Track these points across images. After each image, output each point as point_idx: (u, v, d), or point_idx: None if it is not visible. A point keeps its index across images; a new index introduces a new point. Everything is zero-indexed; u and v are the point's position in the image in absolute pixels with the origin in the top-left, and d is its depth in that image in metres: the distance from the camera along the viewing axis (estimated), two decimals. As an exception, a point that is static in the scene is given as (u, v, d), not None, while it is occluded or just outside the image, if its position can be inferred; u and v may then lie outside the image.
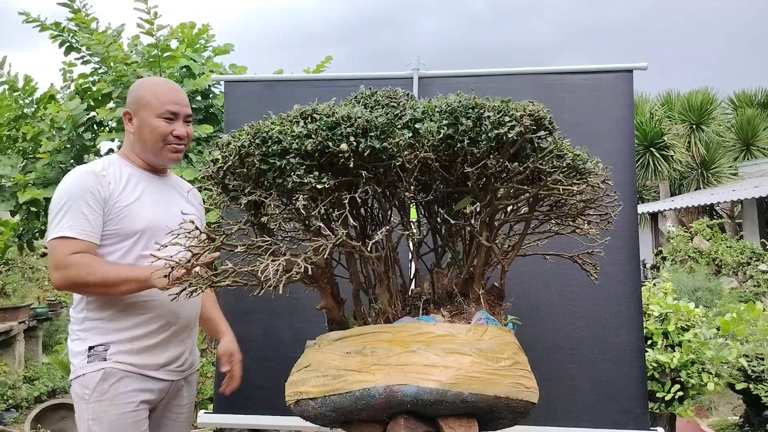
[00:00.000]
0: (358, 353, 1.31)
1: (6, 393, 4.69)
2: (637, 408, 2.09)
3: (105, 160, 1.80)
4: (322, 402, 1.31)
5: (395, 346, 1.30)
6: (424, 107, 1.36)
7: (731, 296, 5.97)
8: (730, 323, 3.25)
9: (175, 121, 1.78)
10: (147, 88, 1.82)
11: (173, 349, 1.77)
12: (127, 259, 1.69)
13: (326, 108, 1.28)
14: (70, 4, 3.57)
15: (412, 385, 1.25)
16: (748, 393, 3.21)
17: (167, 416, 1.82)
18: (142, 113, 1.77)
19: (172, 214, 1.74)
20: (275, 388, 1.49)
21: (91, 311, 1.68)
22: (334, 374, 1.31)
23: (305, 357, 1.41)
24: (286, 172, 1.23)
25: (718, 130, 14.08)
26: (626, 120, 2.21)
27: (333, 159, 1.25)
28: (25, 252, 3.94)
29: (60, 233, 1.61)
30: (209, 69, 3.74)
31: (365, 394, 1.26)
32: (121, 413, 1.63)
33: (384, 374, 1.26)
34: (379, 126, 1.27)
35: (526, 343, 2.15)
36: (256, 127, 1.29)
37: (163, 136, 1.77)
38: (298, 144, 1.23)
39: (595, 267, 1.65)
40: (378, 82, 2.32)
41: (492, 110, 1.29)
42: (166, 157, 1.80)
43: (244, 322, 2.28)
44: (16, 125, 3.71)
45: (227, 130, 2.42)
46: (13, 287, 5.90)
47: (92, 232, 1.64)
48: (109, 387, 1.63)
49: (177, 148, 1.81)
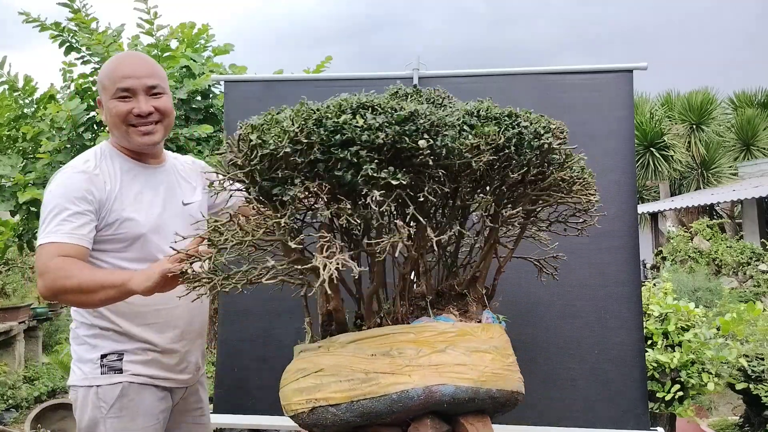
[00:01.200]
0: (385, 355, 1.29)
1: (6, 393, 4.69)
2: (637, 408, 2.09)
3: (96, 152, 1.62)
4: (348, 408, 1.26)
5: (423, 347, 1.30)
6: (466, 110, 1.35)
7: (731, 296, 5.97)
8: (730, 323, 3.25)
9: (132, 98, 1.56)
10: (103, 69, 1.60)
11: (189, 358, 1.70)
12: (130, 262, 1.57)
13: (387, 101, 1.23)
14: (70, 4, 3.57)
15: (450, 385, 1.27)
16: (748, 393, 3.21)
17: (186, 420, 1.75)
18: (103, 99, 1.59)
19: (173, 209, 1.66)
20: (275, 389, 1.48)
21: (98, 318, 1.58)
22: (362, 378, 1.26)
23: (308, 362, 1.35)
24: (356, 164, 1.16)
25: (718, 130, 14.08)
26: (626, 120, 2.21)
27: (402, 155, 1.20)
28: (25, 252, 3.94)
29: (46, 239, 1.46)
30: (209, 69, 3.74)
31: (403, 396, 1.25)
32: (141, 427, 1.56)
33: (420, 375, 1.26)
34: (448, 124, 1.24)
35: (526, 343, 2.15)
36: (305, 113, 1.20)
37: (122, 117, 1.55)
38: (368, 136, 1.15)
39: (555, 269, 1.72)
40: (378, 82, 2.31)
41: (527, 120, 1.35)
42: (136, 141, 1.58)
43: (244, 322, 2.28)
44: (16, 125, 3.71)
45: (227, 130, 2.42)
46: (13, 287, 5.90)
47: (81, 235, 1.48)
48: (128, 402, 1.55)
49: (144, 130, 1.57)
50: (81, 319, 1.61)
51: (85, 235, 1.49)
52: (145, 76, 1.57)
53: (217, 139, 3.68)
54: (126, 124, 1.56)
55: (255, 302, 2.26)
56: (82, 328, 1.61)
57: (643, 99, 14.61)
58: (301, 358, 1.39)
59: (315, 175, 1.20)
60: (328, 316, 1.45)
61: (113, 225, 1.55)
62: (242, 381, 2.25)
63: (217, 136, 3.68)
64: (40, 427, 4.19)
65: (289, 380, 1.38)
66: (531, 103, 2.23)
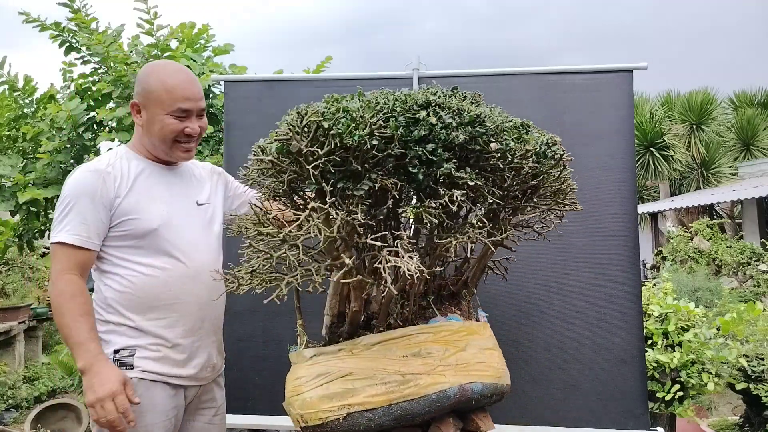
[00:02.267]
0: (416, 356, 1.29)
1: (6, 393, 4.69)
2: (637, 408, 2.09)
3: (112, 154, 1.69)
4: (385, 411, 1.24)
5: (447, 346, 1.32)
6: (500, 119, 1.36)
7: (731, 296, 5.97)
8: (730, 323, 3.25)
9: (186, 119, 1.65)
10: (158, 80, 1.65)
11: (201, 355, 1.69)
12: (143, 256, 1.61)
13: (449, 100, 1.22)
14: (70, 4, 3.57)
15: (478, 383, 1.31)
16: (748, 393, 3.21)
17: (199, 419, 1.75)
18: (152, 108, 1.64)
19: (187, 207, 1.70)
20: (275, 388, 1.48)
21: (112, 314, 1.61)
22: (399, 380, 1.26)
23: (330, 366, 1.31)
24: (428, 162, 1.15)
25: (718, 130, 14.08)
26: (626, 120, 2.21)
27: (470, 155, 1.20)
28: (25, 252, 3.94)
29: (60, 238, 1.55)
30: (209, 69, 3.74)
31: (441, 396, 1.26)
32: (150, 423, 1.57)
33: (452, 374, 1.29)
34: (507, 129, 1.26)
35: (526, 343, 2.16)
36: (376, 104, 1.18)
37: (174, 134, 1.64)
38: (447, 135, 1.14)
39: (506, 270, 1.74)
40: (378, 82, 2.31)
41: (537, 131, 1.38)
42: (177, 156, 1.69)
43: (244, 322, 2.28)
44: (16, 125, 3.71)
45: (227, 130, 2.42)
46: (13, 287, 5.90)
47: (90, 239, 1.56)
48: (139, 398, 1.55)
49: (188, 147, 1.69)
50: (95, 315, 1.62)
51: (93, 237, 1.57)
52: (200, 100, 1.68)
53: (217, 139, 3.68)
54: (174, 140, 1.66)
55: (255, 302, 2.26)
56: (96, 324, 1.62)
57: (643, 99, 14.61)
58: (317, 362, 1.34)
59: (387, 171, 1.18)
60: (338, 317, 1.42)
61: (125, 221, 1.60)
62: (242, 381, 2.26)
63: (217, 136, 3.68)
64: (40, 427, 4.19)
65: (307, 387, 1.32)
66: (531, 103, 2.24)
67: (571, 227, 2.04)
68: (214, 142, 3.70)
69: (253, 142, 1.40)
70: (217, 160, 3.48)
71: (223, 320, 1.80)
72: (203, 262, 1.67)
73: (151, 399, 1.58)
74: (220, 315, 1.78)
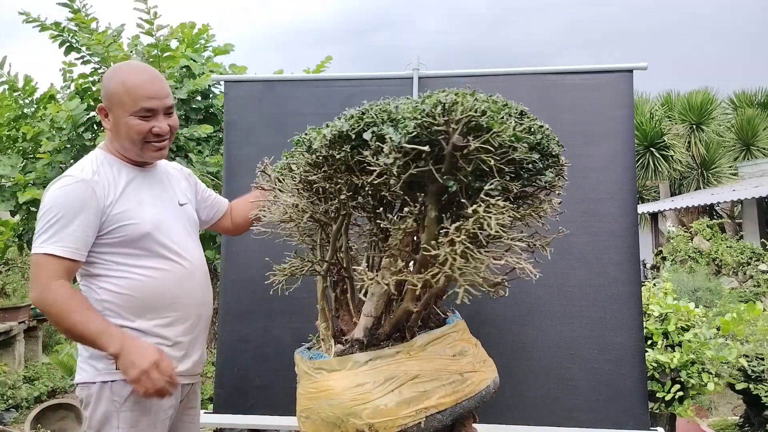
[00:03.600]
0: (460, 354, 1.32)
1: (6, 393, 4.69)
2: (637, 408, 2.09)
3: (91, 159, 1.66)
4: (451, 412, 1.25)
5: (470, 344, 1.38)
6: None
7: (731, 296, 5.97)
8: (730, 323, 3.25)
9: (152, 118, 1.62)
10: (119, 81, 1.62)
11: (196, 352, 1.74)
12: (140, 260, 1.62)
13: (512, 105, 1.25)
14: (70, 4, 3.57)
15: (496, 377, 1.38)
16: (748, 393, 3.21)
17: (183, 419, 1.80)
18: (115, 111, 1.62)
19: (172, 209, 1.72)
20: (274, 388, 1.48)
21: (111, 317, 1.60)
22: (459, 379, 1.27)
23: (393, 370, 1.26)
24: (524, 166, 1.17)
25: (718, 130, 14.08)
26: (626, 120, 2.21)
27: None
28: (25, 252, 3.94)
29: (46, 250, 1.51)
30: (209, 69, 3.74)
31: (487, 392, 1.32)
32: (152, 421, 1.61)
33: (487, 369, 1.35)
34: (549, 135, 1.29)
35: (526, 343, 2.16)
36: (468, 104, 1.12)
37: (141, 135, 1.62)
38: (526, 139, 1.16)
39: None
40: (378, 82, 2.31)
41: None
42: (149, 156, 1.67)
43: (243, 322, 2.28)
44: (16, 125, 3.71)
45: (227, 130, 2.42)
46: (13, 287, 5.89)
47: (78, 250, 1.54)
48: (141, 397, 1.57)
49: (159, 146, 1.66)
50: None
51: (81, 249, 1.55)
52: (165, 97, 1.64)
53: (217, 139, 3.68)
54: (143, 141, 1.63)
55: (254, 302, 2.26)
56: None
57: (643, 99, 14.61)
58: (377, 366, 1.28)
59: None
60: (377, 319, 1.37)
61: (119, 227, 1.60)
62: (242, 381, 2.25)
63: (217, 136, 3.68)
64: (40, 427, 4.19)
65: (378, 393, 1.25)
66: (531, 103, 2.23)
67: (571, 227, 2.04)
68: (214, 142, 3.70)
69: (253, 142, 1.39)
70: (217, 160, 3.49)
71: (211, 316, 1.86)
72: (195, 260, 1.72)
73: (151, 398, 1.59)
74: (210, 314, 1.83)
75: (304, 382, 1.39)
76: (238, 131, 2.38)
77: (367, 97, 1.53)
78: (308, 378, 1.37)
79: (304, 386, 1.38)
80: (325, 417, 1.28)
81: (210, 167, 3.48)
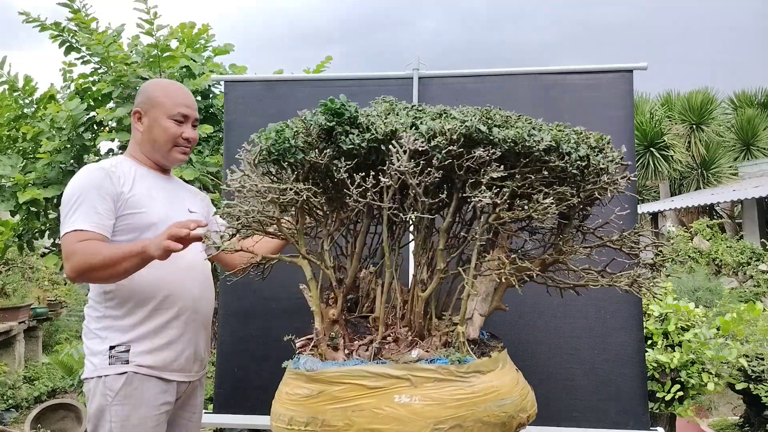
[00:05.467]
0: None
1: (6, 393, 4.69)
2: (637, 408, 2.09)
3: (113, 159, 1.82)
4: None
5: None
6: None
7: (731, 296, 5.97)
8: (730, 323, 3.25)
9: (184, 124, 1.82)
10: (160, 88, 1.84)
11: (190, 347, 1.78)
12: None
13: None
14: (70, 4, 3.57)
15: None
16: (748, 393, 3.21)
17: (182, 416, 1.84)
18: (153, 112, 1.80)
19: (182, 211, 1.77)
20: (275, 388, 1.48)
21: (110, 309, 1.69)
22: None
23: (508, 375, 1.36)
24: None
25: (718, 130, 14.07)
26: (626, 120, 2.21)
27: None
28: (25, 252, 3.94)
29: (72, 227, 1.62)
30: (209, 69, 3.74)
31: None
32: (143, 416, 1.65)
33: None
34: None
35: (526, 343, 2.16)
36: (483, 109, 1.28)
37: (174, 138, 1.80)
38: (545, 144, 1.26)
39: None
40: (378, 82, 2.32)
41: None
42: (174, 158, 1.83)
43: (244, 322, 2.28)
44: (16, 125, 3.71)
45: (227, 130, 2.42)
46: (13, 287, 5.90)
47: (103, 225, 1.64)
48: (132, 391, 1.64)
49: (185, 150, 1.84)
50: (93, 313, 1.72)
51: (106, 225, 1.65)
52: (195, 110, 1.86)
53: (217, 139, 3.68)
54: (174, 143, 1.81)
55: (254, 302, 2.26)
56: (93, 322, 1.72)
57: (643, 99, 14.60)
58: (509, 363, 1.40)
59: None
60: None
61: (127, 216, 1.69)
62: (242, 381, 2.26)
63: (217, 136, 3.68)
64: (40, 427, 4.19)
65: (526, 385, 1.42)
66: (531, 103, 2.24)
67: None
68: (214, 142, 3.70)
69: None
70: (217, 160, 3.48)
71: (211, 319, 1.88)
72: (195, 258, 1.76)
73: (145, 392, 1.66)
74: (210, 311, 1.87)
75: (447, 388, 1.24)
76: (238, 131, 2.38)
77: (368, 97, 1.53)
78: (452, 384, 1.24)
79: (442, 393, 1.23)
80: (494, 419, 1.23)
81: (210, 167, 3.48)
